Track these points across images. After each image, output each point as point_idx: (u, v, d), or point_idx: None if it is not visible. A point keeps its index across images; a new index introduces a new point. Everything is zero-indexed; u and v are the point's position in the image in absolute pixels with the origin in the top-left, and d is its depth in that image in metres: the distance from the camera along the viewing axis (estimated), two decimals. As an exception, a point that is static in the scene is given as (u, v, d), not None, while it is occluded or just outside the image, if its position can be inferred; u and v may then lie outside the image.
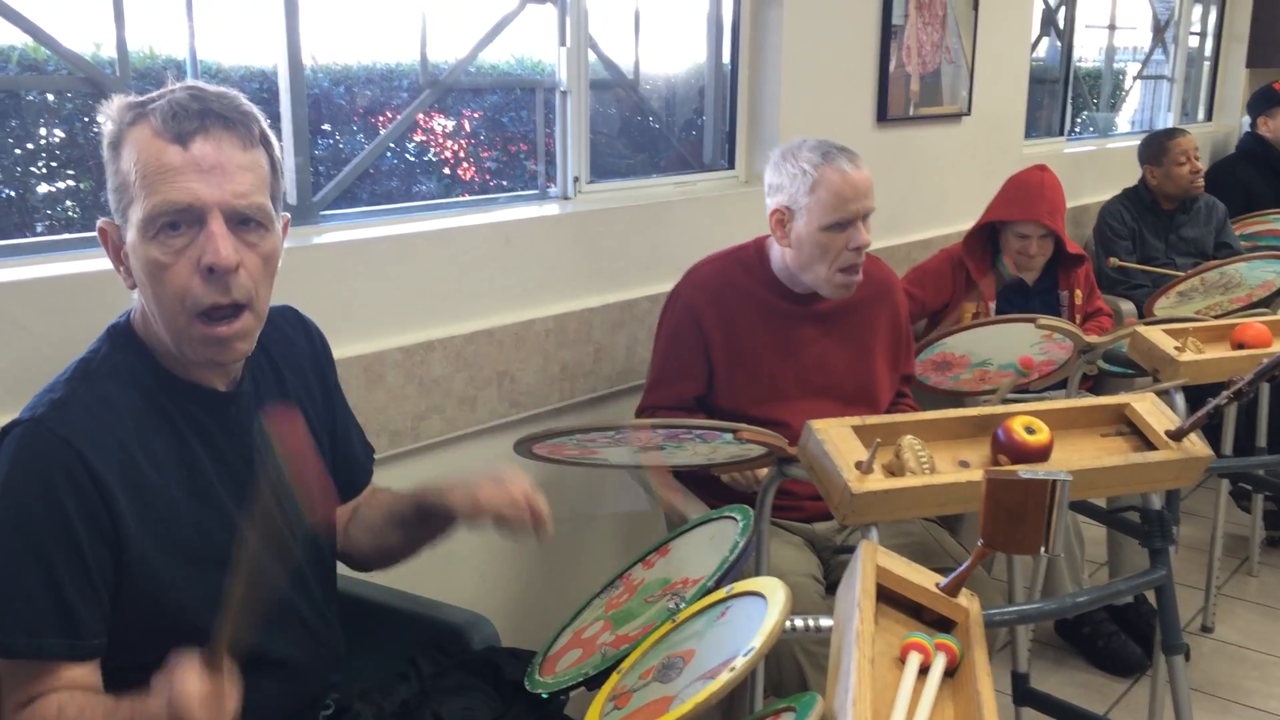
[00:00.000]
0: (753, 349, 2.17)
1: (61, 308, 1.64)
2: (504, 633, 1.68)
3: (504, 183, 2.59)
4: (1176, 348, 2.15)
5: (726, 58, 2.95)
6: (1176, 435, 1.60)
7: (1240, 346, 2.23)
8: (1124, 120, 5.51)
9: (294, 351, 1.49)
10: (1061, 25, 4.55)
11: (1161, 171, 3.82)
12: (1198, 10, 5.65)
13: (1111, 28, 5.06)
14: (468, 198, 2.45)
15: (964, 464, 1.57)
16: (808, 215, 2.09)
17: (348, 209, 2.20)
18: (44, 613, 1.21)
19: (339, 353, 1.90)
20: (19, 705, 1.23)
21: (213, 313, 1.25)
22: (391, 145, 2.33)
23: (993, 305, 2.93)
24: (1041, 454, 1.54)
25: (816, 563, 2.10)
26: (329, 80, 2.23)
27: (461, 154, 2.55)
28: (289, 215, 1.39)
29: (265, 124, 1.32)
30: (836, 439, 1.52)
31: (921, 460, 1.51)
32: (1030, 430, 1.54)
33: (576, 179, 2.55)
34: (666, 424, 1.67)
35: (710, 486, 2.10)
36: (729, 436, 1.65)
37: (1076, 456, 1.59)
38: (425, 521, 1.50)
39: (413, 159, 2.45)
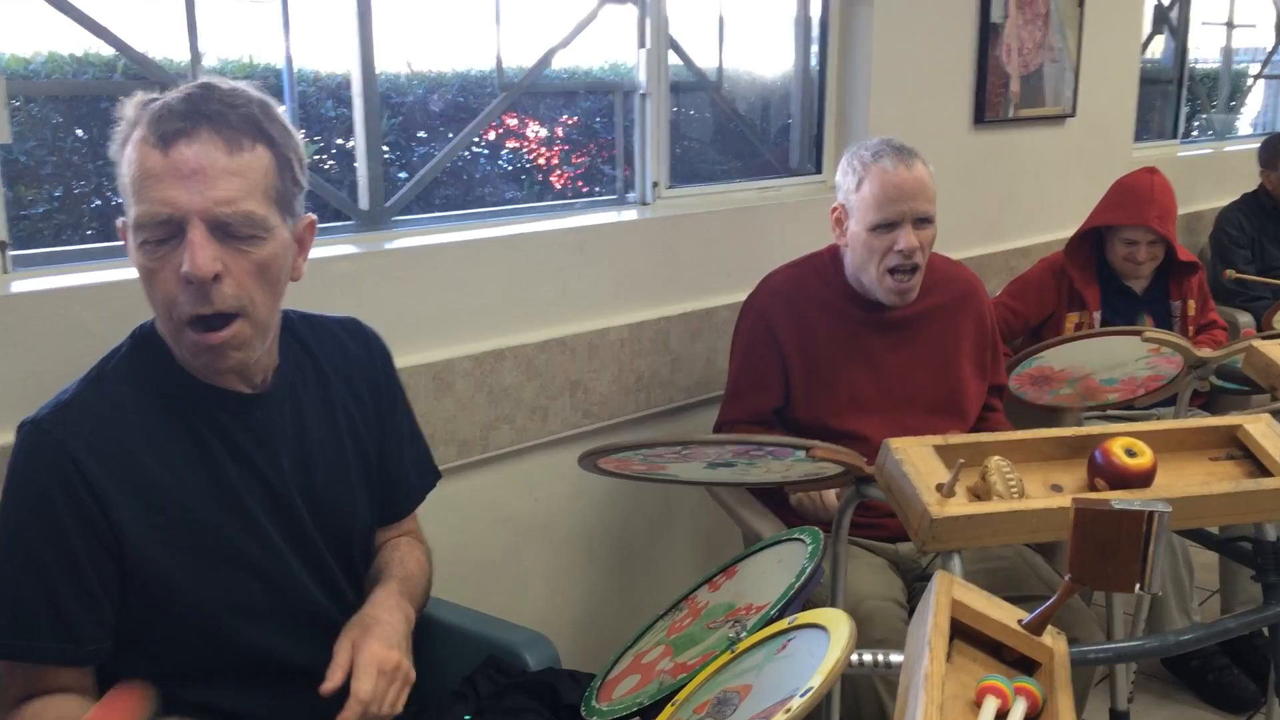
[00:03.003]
0: (829, 359, 2.09)
1: (125, 312, 1.63)
2: (572, 648, 1.64)
3: (589, 188, 2.55)
4: (1298, 364, 1.99)
5: (814, 60, 2.86)
6: (1296, 460, 1.47)
7: (1370, 363, 2.06)
8: (1245, 123, 5.25)
9: (348, 361, 1.46)
10: (1175, 23, 4.33)
11: (1278, 176, 3.63)
12: (1325, 6, 5.34)
13: (1230, 25, 4.82)
14: (542, 203, 2.41)
15: (1057, 489, 1.46)
16: (857, 214, 2.05)
17: (421, 215, 2.18)
18: (37, 616, 1.23)
19: (407, 360, 1.87)
20: (15, 701, 1.25)
21: (202, 321, 1.22)
22: (484, 152, 2.31)
23: (1097, 316, 2.78)
24: (1143, 479, 1.42)
25: (900, 585, 2.00)
26: (423, 88, 2.21)
27: (543, 160, 2.51)
28: (314, 215, 1.34)
29: (280, 118, 1.25)
30: (916, 459, 1.42)
31: (1010, 483, 1.41)
32: (1131, 453, 1.42)
33: (655, 184, 2.49)
34: (738, 440, 1.60)
35: (790, 506, 2.02)
36: (802, 454, 1.57)
37: (1182, 482, 1.46)
38: None
39: (506, 166, 2.43)
